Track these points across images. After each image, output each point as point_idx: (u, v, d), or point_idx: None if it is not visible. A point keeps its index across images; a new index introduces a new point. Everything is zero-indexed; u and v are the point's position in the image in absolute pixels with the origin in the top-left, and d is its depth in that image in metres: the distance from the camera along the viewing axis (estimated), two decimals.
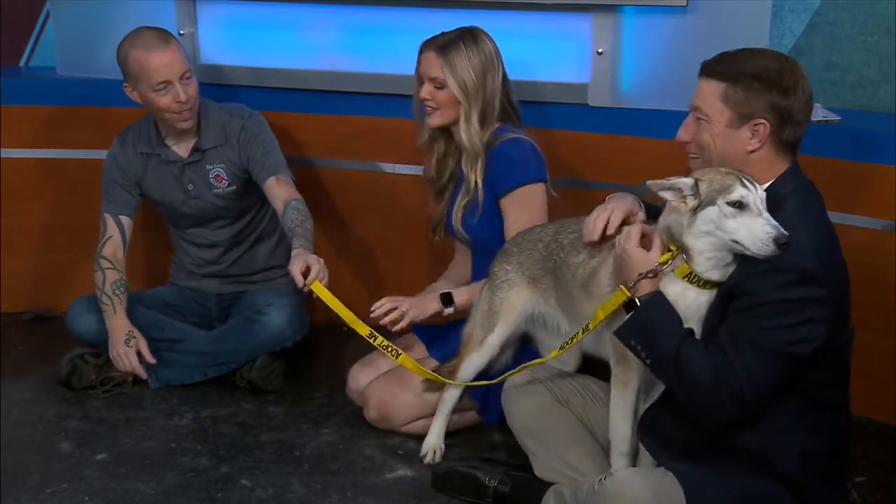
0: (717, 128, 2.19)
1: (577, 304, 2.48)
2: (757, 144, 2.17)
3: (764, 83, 2.15)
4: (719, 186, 2.10)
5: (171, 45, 3.13)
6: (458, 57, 2.85)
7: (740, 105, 2.16)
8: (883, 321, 2.81)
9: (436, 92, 2.88)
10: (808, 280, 2.03)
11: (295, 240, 2.94)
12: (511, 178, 2.86)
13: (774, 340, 2.04)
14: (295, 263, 2.80)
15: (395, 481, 2.78)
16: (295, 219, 3.02)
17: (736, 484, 2.16)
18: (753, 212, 2.06)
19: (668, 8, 3.15)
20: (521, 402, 2.63)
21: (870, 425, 2.98)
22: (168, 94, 3.11)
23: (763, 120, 2.16)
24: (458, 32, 2.90)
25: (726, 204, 2.08)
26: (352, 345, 3.56)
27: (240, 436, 3.01)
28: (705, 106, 2.20)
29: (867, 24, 3.13)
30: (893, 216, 2.91)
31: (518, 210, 2.86)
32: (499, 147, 2.88)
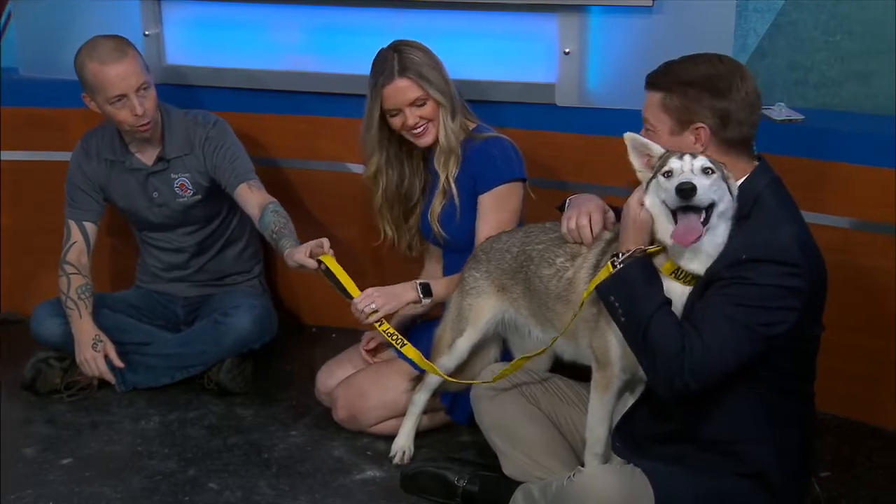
0: (662, 136, 2.25)
1: (555, 315, 2.50)
2: (701, 147, 2.22)
3: (697, 88, 2.21)
4: (663, 161, 2.18)
5: (128, 57, 3.08)
6: (421, 66, 2.85)
7: (678, 112, 2.22)
8: (847, 318, 2.83)
9: (420, 110, 2.86)
10: (791, 269, 2.07)
11: (283, 241, 2.93)
12: (493, 175, 2.86)
13: (747, 317, 2.06)
14: (298, 251, 2.79)
15: (364, 482, 2.78)
16: (277, 222, 3.00)
17: (705, 482, 2.17)
18: (676, 174, 2.12)
19: (633, 8, 3.16)
20: (490, 401, 2.63)
21: (833, 420, 3.01)
22: (124, 108, 3.08)
23: (702, 123, 2.21)
24: (394, 52, 2.87)
25: (662, 174, 2.15)
26: (321, 346, 3.57)
27: (207, 438, 2.99)
28: (650, 117, 2.28)
29: (830, 24, 3.17)
30: (857, 214, 2.95)
31: (494, 208, 2.85)
32: (480, 145, 2.89)
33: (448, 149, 2.88)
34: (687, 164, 2.13)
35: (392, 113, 2.88)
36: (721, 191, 2.12)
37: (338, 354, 3.16)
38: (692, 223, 2.10)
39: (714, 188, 2.11)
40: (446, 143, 2.87)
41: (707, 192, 2.09)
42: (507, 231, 2.76)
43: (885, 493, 2.70)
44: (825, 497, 2.58)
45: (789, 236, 2.11)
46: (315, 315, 3.74)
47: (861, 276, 2.95)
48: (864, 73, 3.17)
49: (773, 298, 2.07)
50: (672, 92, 2.23)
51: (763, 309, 2.07)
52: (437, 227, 2.94)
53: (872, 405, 3.03)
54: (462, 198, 2.89)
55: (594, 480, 2.16)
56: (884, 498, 2.68)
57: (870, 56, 3.15)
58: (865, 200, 2.94)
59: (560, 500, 2.19)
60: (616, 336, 2.30)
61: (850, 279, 2.88)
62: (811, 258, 2.14)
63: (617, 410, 2.42)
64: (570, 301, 2.45)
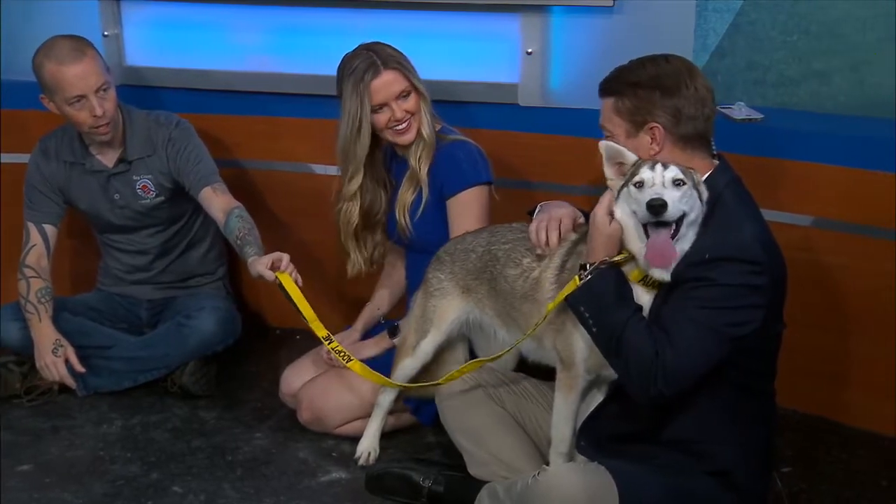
0: (620, 140, 2.26)
1: (522, 315, 2.50)
2: (657, 147, 2.24)
3: (646, 88, 2.24)
4: (634, 170, 2.18)
5: (87, 57, 3.05)
6: (400, 58, 2.84)
7: (631, 114, 2.25)
8: (806, 316, 2.87)
9: (405, 103, 2.83)
10: (754, 267, 2.09)
11: (247, 248, 2.90)
12: (459, 179, 2.86)
13: (715, 320, 2.08)
14: (261, 262, 2.75)
15: (330, 484, 2.77)
16: (242, 227, 2.97)
17: (669, 481, 2.18)
18: (647, 186, 2.12)
19: (594, 8, 3.18)
20: (455, 401, 2.63)
21: (794, 416, 3.05)
22: (84, 109, 3.05)
23: (655, 123, 2.23)
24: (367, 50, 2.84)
25: (633, 184, 2.15)
26: (285, 348, 3.56)
27: (171, 442, 2.97)
28: (606, 123, 2.31)
29: (788, 24, 3.20)
30: (816, 212, 2.98)
31: (463, 212, 2.85)
32: (446, 148, 2.88)
33: (429, 143, 2.87)
34: (658, 176, 2.12)
35: (377, 109, 2.83)
36: (692, 200, 2.13)
37: (302, 356, 3.14)
38: (665, 244, 2.10)
39: (685, 199, 2.11)
40: (428, 136, 2.86)
41: (677, 205, 2.09)
42: (472, 231, 2.75)
43: (845, 487, 2.74)
44: (787, 492, 2.61)
45: (751, 234, 2.13)
46: (279, 317, 3.72)
47: (820, 273, 2.99)
48: (823, 72, 3.21)
49: (738, 298, 2.09)
50: (623, 95, 2.26)
51: (729, 310, 2.08)
52: (405, 220, 2.91)
53: (833, 401, 3.06)
54: (429, 198, 2.89)
55: (559, 479, 2.17)
56: (844, 493, 2.71)
57: (828, 55, 3.19)
58: (824, 199, 2.97)
59: (525, 498, 2.19)
60: (581, 338, 2.31)
61: (809, 277, 2.91)
62: (772, 256, 2.17)
63: (582, 410, 2.43)
64: (536, 301, 2.45)
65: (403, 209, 2.91)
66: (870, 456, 2.89)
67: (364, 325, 3.14)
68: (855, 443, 2.96)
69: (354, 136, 2.84)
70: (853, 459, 2.88)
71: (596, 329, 2.17)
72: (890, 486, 2.74)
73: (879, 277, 2.90)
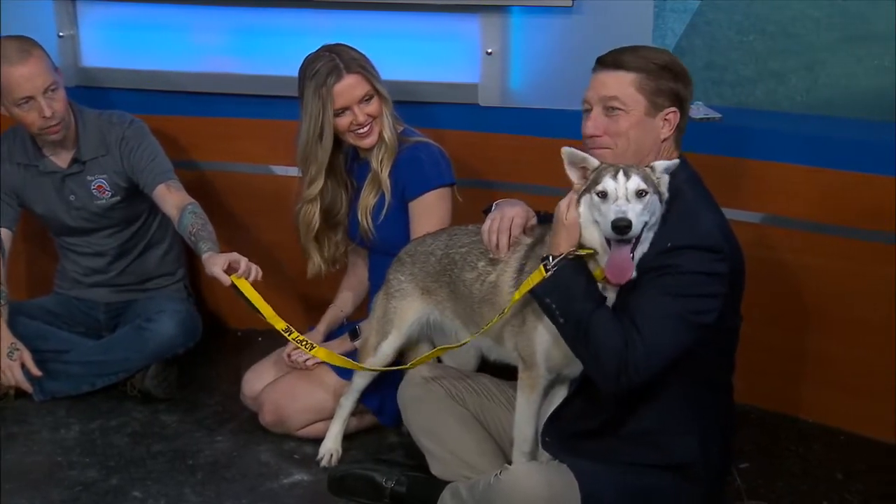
0: (635, 117, 2.24)
1: (482, 318, 2.49)
2: (668, 133, 2.26)
3: (671, 73, 2.25)
4: (596, 177, 2.17)
5: (33, 58, 3.01)
6: (362, 61, 2.83)
7: (653, 94, 2.24)
8: (762, 312, 2.90)
9: (368, 106, 2.82)
10: (716, 256, 2.11)
11: (201, 244, 2.88)
12: (421, 182, 2.85)
13: (681, 308, 2.09)
14: (215, 263, 2.73)
15: (292, 486, 2.76)
16: (195, 223, 2.96)
17: (631, 479, 2.20)
18: (611, 199, 2.12)
19: (553, 8, 3.20)
20: (417, 401, 2.63)
21: (752, 412, 3.08)
22: (32, 110, 3.01)
23: (674, 108, 2.25)
24: (330, 52, 2.83)
25: (595, 194, 2.15)
26: (246, 350, 3.53)
27: (130, 446, 2.95)
28: (623, 95, 2.25)
29: (744, 24, 3.24)
30: (773, 210, 3.02)
31: (425, 214, 2.85)
32: (408, 150, 2.87)
33: (391, 146, 2.86)
34: (621, 188, 2.11)
35: (339, 113, 2.82)
36: (653, 206, 2.13)
37: (264, 358, 3.12)
38: (624, 262, 2.10)
39: (647, 211, 2.11)
40: (390, 140, 2.86)
41: (640, 220, 2.09)
42: (432, 233, 2.75)
43: (802, 482, 2.77)
44: (744, 488, 2.63)
45: (711, 222, 2.15)
46: (240, 318, 3.70)
47: (776, 270, 3.02)
48: (779, 72, 3.25)
49: (702, 285, 2.10)
50: (649, 73, 2.23)
51: (693, 297, 2.10)
52: (368, 223, 2.90)
53: (789, 397, 3.10)
54: (391, 201, 2.88)
55: (520, 478, 2.18)
56: (801, 487, 2.75)
57: (783, 55, 3.23)
58: (781, 196, 3.00)
59: (487, 497, 2.20)
60: (541, 337, 2.32)
61: (765, 274, 2.94)
62: (732, 245, 2.19)
63: (544, 409, 2.43)
64: (494, 304, 2.45)
65: (366, 212, 2.90)
66: (825, 450, 2.93)
67: (327, 327, 3.13)
68: (811, 437, 3.00)
69: (315, 140, 2.83)
70: (809, 454, 2.91)
71: (563, 320, 2.17)
72: (845, 480, 2.78)
73: (833, 274, 2.95)
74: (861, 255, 2.89)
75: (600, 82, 2.27)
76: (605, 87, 2.26)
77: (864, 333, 2.92)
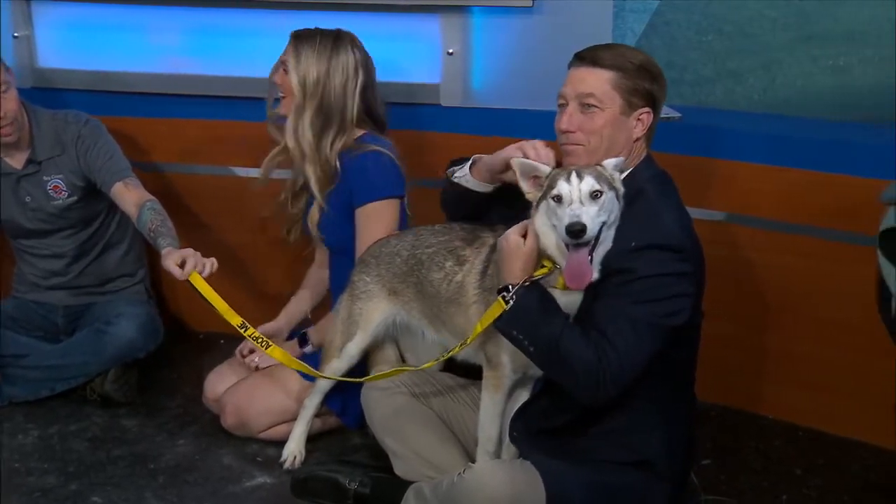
0: (610, 115, 2.24)
1: (449, 318, 2.50)
2: (641, 133, 2.27)
3: (648, 73, 2.26)
4: (550, 181, 2.16)
5: None
6: (307, 49, 2.82)
7: (629, 93, 2.24)
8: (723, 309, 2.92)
9: (284, 77, 2.85)
10: (680, 256, 2.12)
11: (160, 240, 2.86)
12: (367, 191, 2.84)
13: (650, 314, 2.10)
14: (170, 258, 2.71)
15: (254, 489, 2.74)
16: (154, 219, 2.94)
17: (597, 477, 2.21)
18: (566, 203, 2.12)
19: (514, 8, 3.21)
20: (380, 401, 2.63)
21: (713, 410, 3.11)
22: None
23: (648, 108, 2.26)
24: (325, 31, 2.86)
25: (551, 198, 2.14)
26: (208, 353, 3.51)
27: (90, 451, 2.92)
28: (600, 93, 2.24)
29: (702, 24, 3.27)
30: (733, 208, 3.05)
31: (370, 223, 2.83)
32: (359, 157, 2.85)
33: (297, 153, 2.86)
34: (575, 190, 2.10)
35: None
36: (610, 205, 2.13)
37: (226, 360, 3.11)
38: (582, 265, 2.10)
39: (604, 212, 2.11)
40: (291, 144, 2.84)
41: (596, 223, 2.09)
42: (397, 234, 2.75)
43: (762, 478, 2.81)
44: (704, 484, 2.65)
45: (673, 222, 2.16)
46: (202, 321, 3.67)
47: (738, 268, 3.05)
48: (737, 71, 3.29)
49: (668, 287, 2.11)
50: (626, 72, 2.24)
51: (662, 300, 2.11)
52: (314, 224, 2.92)
53: (751, 394, 3.14)
54: (339, 207, 2.87)
55: (484, 476, 2.18)
56: (761, 482, 2.78)
57: (741, 55, 3.26)
58: (741, 195, 3.03)
59: (450, 497, 2.20)
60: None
61: (727, 272, 2.97)
62: (694, 243, 2.21)
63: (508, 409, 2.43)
64: (461, 304, 2.45)
65: (314, 218, 2.92)
66: (786, 446, 2.97)
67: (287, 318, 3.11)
68: (772, 434, 3.03)
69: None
70: (770, 450, 2.95)
71: (533, 348, 2.16)
72: (804, 474, 2.82)
73: (795, 272, 2.98)
74: (822, 253, 2.92)
75: (578, 78, 2.27)
76: (582, 83, 2.26)
77: (824, 331, 2.95)
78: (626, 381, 2.11)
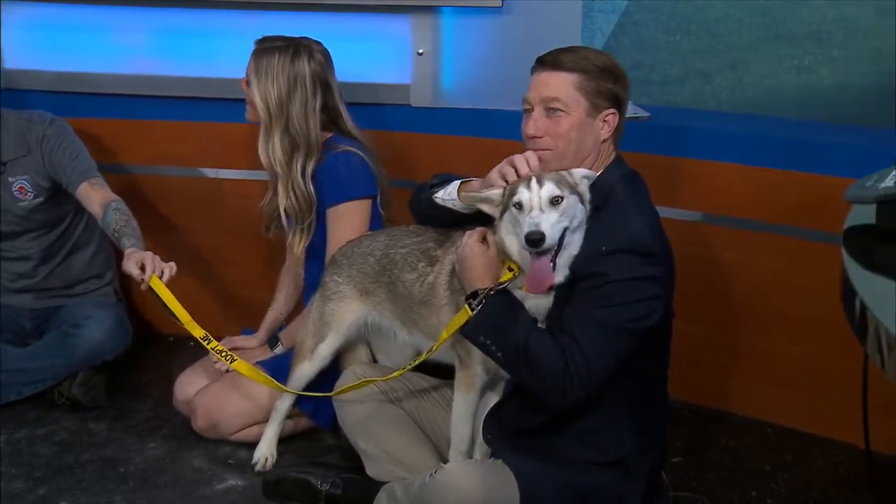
0: (576, 118, 2.23)
1: (421, 318, 2.50)
2: (608, 134, 2.26)
3: (611, 74, 2.26)
4: (511, 191, 2.17)
5: None
6: (266, 67, 2.82)
7: (594, 95, 2.24)
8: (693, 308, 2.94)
9: (248, 90, 2.85)
10: (648, 258, 2.12)
11: (124, 240, 2.84)
12: (337, 192, 2.84)
13: (619, 318, 2.09)
14: (130, 260, 2.70)
15: (226, 491, 2.73)
16: (119, 220, 2.92)
17: (571, 477, 2.22)
18: (526, 210, 2.12)
19: (483, 9, 3.21)
20: (352, 402, 2.62)
21: (684, 408, 3.12)
22: None
23: (613, 110, 2.26)
24: (284, 44, 2.85)
25: (513, 205, 2.15)
26: (178, 356, 3.48)
27: (58, 456, 2.89)
28: (564, 96, 2.24)
29: (669, 24, 3.29)
30: (703, 207, 3.06)
31: (341, 224, 2.84)
32: (330, 159, 2.85)
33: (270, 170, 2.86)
34: (535, 197, 2.10)
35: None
36: (572, 210, 2.12)
37: (196, 362, 3.08)
38: (543, 272, 2.10)
39: (564, 218, 2.11)
40: (263, 160, 2.86)
41: (556, 230, 2.09)
42: (369, 234, 2.75)
43: (732, 474, 2.83)
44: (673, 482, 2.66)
45: (642, 225, 2.16)
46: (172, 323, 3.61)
47: (709, 267, 3.07)
48: (704, 71, 3.31)
49: (638, 291, 2.11)
50: (589, 74, 2.23)
51: (631, 304, 2.11)
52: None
53: (720, 391, 3.16)
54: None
55: (455, 476, 2.18)
56: (730, 479, 2.80)
57: (708, 55, 3.29)
58: (711, 194, 3.05)
59: (422, 497, 2.20)
60: None
61: (697, 270, 2.99)
62: (664, 245, 2.22)
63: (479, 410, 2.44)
64: (433, 305, 2.45)
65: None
66: (755, 443, 2.99)
67: (267, 332, 3.10)
68: (741, 431, 3.05)
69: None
70: (740, 447, 2.97)
71: (500, 353, 2.16)
72: (772, 471, 2.84)
73: (761, 270, 3.00)
74: (790, 251, 2.94)
75: (542, 82, 2.26)
76: (546, 87, 2.25)
77: (793, 329, 2.98)
78: (594, 385, 2.11)
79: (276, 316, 3.13)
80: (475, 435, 2.44)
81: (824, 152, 2.89)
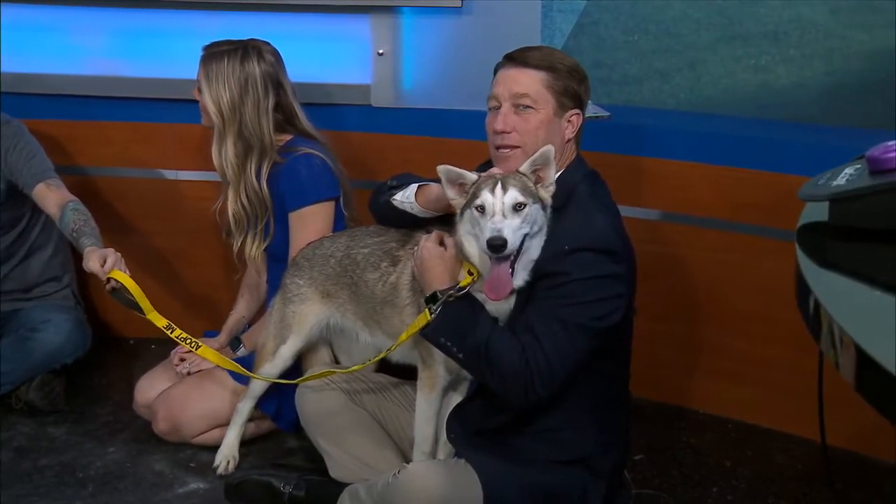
0: (544, 115, 2.24)
1: (383, 318, 2.49)
2: (571, 134, 2.28)
3: (577, 75, 2.28)
4: (475, 190, 2.16)
5: None
6: (216, 72, 2.81)
7: (561, 94, 2.25)
8: (656, 307, 2.96)
9: (200, 96, 2.84)
10: (611, 257, 2.13)
11: (83, 239, 2.81)
12: (299, 196, 2.83)
13: (581, 316, 2.10)
14: (91, 258, 2.67)
15: (188, 495, 2.72)
16: (77, 219, 2.88)
17: (535, 477, 2.22)
18: (488, 215, 2.11)
19: (443, 9, 3.22)
20: (314, 402, 2.61)
21: (647, 406, 3.14)
22: None
23: (577, 110, 2.27)
24: (232, 47, 2.83)
25: (475, 208, 2.14)
26: (139, 359, 3.45)
27: (16, 461, 2.86)
28: (534, 93, 2.24)
29: (628, 24, 3.31)
30: (663, 206, 3.09)
31: (304, 227, 2.83)
32: (290, 162, 2.84)
33: (224, 177, 2.85)
34: (498, 203, 2.09)
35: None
36: (533, 216, 2.12)
37: (157, 364, 3.06)
38: (502, 279, 2.09)
39: (525, 223, 2.11)
40: (217, 167, 2.85)
41: (517, 237, 2.08)
42: (330, 236, 2.74)
43: (694, 471, 2.85)
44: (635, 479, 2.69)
45: (606, 223, 2.18)
46: (133, 326, 3.61)
47: (669, 265, 3.09)
48: (663, 70, 3.34)
49: (600, 289, 2.12)
50: (558, 73, 2.24)
51: (592, 303, 2.11)
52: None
53: (681, 388, 3.18)
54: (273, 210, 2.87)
55: (418, 476, 2.18)
56: (693, 476, 2.83)
57: (667, 54, 3.31)
58: (670, 192, 3.07)
59: (385, 498, 2.20)
60: None
61: (658, 268, 3.01)
62: (626, 243, 2.23)
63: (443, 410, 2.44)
64: (396, 305, 2.45)
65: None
66: (716, 439, 3.02)
67: (229, 335, 3.08)
68: (703, 428, 3.08)
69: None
70: (702, 444, 3.00)
71: (462, 355, 2.16)
72: (733, 466, 2.87)
73: (719, 267, 3.03)
74: (751, 250, 2.96)
75: (511, 79, 2.26)
76: (516, 83, 2.25)
77: (753, 326, 3.00)
78: (555, 384, 2.12)
79: (238, 318, 3.11)
80: (438, 435, 2.44)
81: (782, 151, 2.91)
